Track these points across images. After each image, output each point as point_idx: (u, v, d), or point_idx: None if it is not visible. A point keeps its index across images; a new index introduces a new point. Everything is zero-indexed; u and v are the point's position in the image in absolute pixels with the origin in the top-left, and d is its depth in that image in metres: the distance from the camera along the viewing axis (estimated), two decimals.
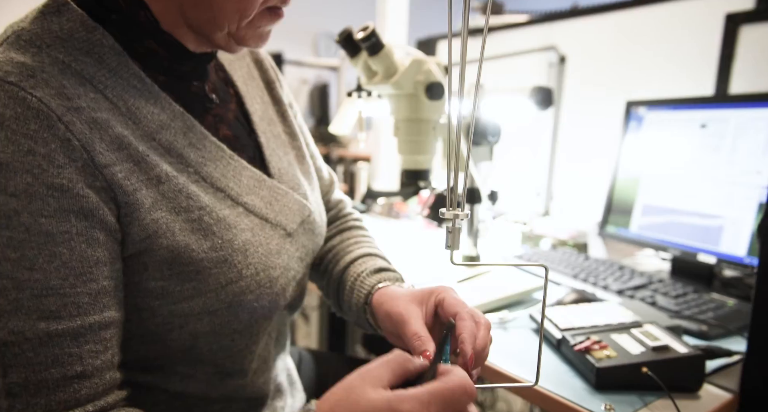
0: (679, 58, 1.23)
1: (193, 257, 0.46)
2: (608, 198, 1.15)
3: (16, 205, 0.38)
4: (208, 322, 0.49)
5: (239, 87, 0.61)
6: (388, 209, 1.68)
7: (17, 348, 0.38)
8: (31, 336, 0.38)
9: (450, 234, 0.41)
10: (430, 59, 0.85)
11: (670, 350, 0.60)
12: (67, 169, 0.40)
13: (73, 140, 0.40)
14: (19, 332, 0.38)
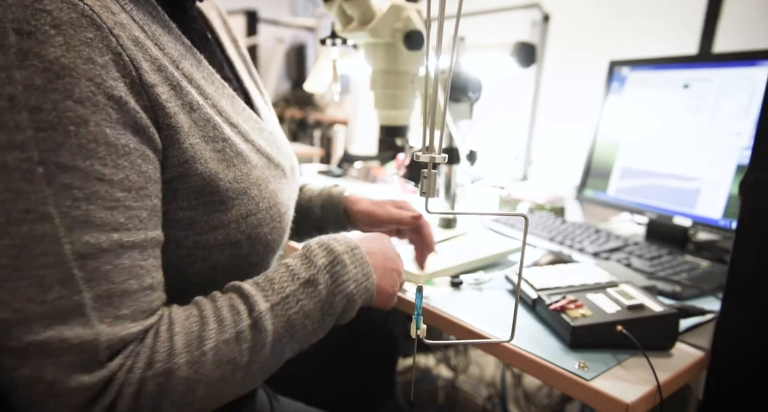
0: (664, 17, 1.20)
1: (220, 187, 0.47)
2: (587, 161, 1.14)
3: (82, 112, 0.37)
4: (228, 254, 0.50)
5: (218, 34, 0.62)
6: (364, 173, 1.64)
7: (95, 261, 0.37)
8: (107, 248, 0.38)
9: (425, 179, 0.37)
10: (410, 6, 0.79)
11: (645, 309, 0.59)
12: (120, 83, 0.39)
13: (124, 55, 0.40)
14: (95, 244, 0.37)
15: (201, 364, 0.42)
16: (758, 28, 1.01)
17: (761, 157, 0.54)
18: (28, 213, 0.35)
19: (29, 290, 0.36)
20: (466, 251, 0.85)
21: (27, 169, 0.35)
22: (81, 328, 0.37)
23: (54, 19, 0.36)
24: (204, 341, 0.42)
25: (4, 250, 0.35)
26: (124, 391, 0.39)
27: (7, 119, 0.35)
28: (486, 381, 1.57)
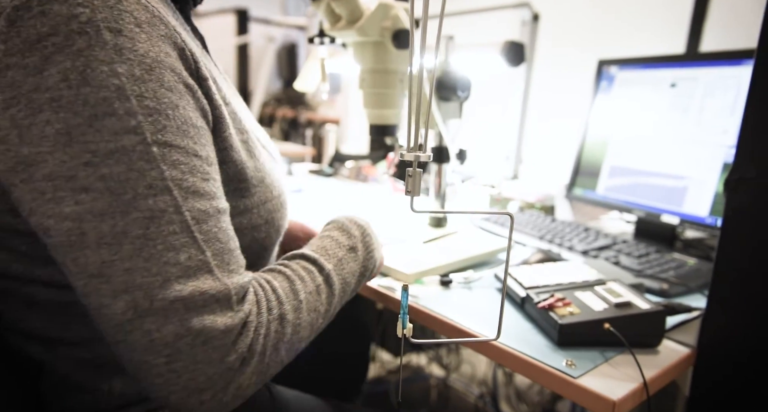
0: (652, 17, 1.21)
1: (246, 175, 0.52)
2: (576, 160, 1.14)
3: (173, 98, 0.41)
4: (250, 238, 0.54)
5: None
6: (356, 173, 1.64)
7: (206, 225, 0.42)
8: (212, 213, 0.43)
9: (410, 178, 0.37)
10: (399, 4, 0.79)
11: (633, 306, 0.60)
12: (187, 73, 0.44)
13: (186, 50, 0.44)
14: (204, 210, 0.42)
15: (300, 311, 0.49)
16: (743, 28, 1.02)
17: (745, 155, 0.55)
18: (150, 188, 0.40)
19: (164, 255, 0.40)
20: (455, 250, 0.85)
21: (143, 150, 0.39)
22: (211, 281, 0.41)
23: (135, 19, 0.41)
24: (297, 293, 0.49)
25: (136, 222, 0.39)
26: (258, 331, 0.44)
27: (117, 108, 0.39)
28: (478, 380, 1.58)
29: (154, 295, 0.39)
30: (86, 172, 0.38)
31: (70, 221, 0.39)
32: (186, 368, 0.40)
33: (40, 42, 0.38)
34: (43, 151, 0.38)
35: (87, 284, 0.39)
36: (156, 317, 0.39)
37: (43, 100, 0.38)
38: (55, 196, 0.39)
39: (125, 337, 0.40)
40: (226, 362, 0.42)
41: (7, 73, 0.38)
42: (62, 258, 0.40)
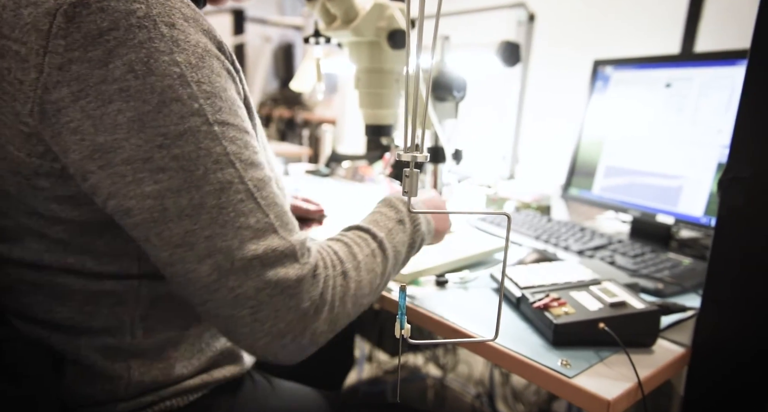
0: (647, 17, 1.21)
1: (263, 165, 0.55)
2: (572, 160, 1.14)
3: (222, 82, 0.45)
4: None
5: None
6: (352, 173, 1.63)
7: (265, 191, 0.47)
8: (267, 180, 0.48)
9: (407, 179, 0.37)
10: (394, 4, 0.79)
11: (627, 306, 0.60)
12: (228, 62, 0.47)
13: (223, 44, 0.47)
14: (261, 178, 0.47)
15: (359, 270, 0.54)
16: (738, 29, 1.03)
17: (739, 155, 0.55)
18: (217, 163, 0.44)
19: (236, 220, 0.44)
20: (451, 250, 0.85)
21: (207, 130, 0.43)
22: (278, 240, 0.46)
23: (183, 14, 0.44)
24: (356, 255, 0.54)
25: (209, 194, 0.43)
26: (327, 283, 0.50)
27: (181, 93, 0.42)
28: (474, 379, 1.58)
29: (234, 256, 0.44)
30: (161, 154, 0.42)
31: (152, 199, 0.42)
32: (268, 317, 0.46)
33: (102, 36, 0.40)
34: (118, 137, 0.41)
35: (172, 254, 0.44)
36: (237, 275, 0.44)
37: (112, 90, 0.41)
38: (135, 178, 0.42)
39: (212, 296, 0.45)
40: (302, 308, 0.47)
41: (71, 67, 0.40)
42: (146, 234, 0.44)
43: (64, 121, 0.41)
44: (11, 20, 0.42)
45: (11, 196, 0.46)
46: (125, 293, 0.52)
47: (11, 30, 0.42)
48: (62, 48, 0.40)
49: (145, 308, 0.53)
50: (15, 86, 0.42)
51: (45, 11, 0.41)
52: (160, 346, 0.55)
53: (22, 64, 0.41)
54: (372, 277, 0.55)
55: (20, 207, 0.47)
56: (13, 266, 0.50)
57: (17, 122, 0.43)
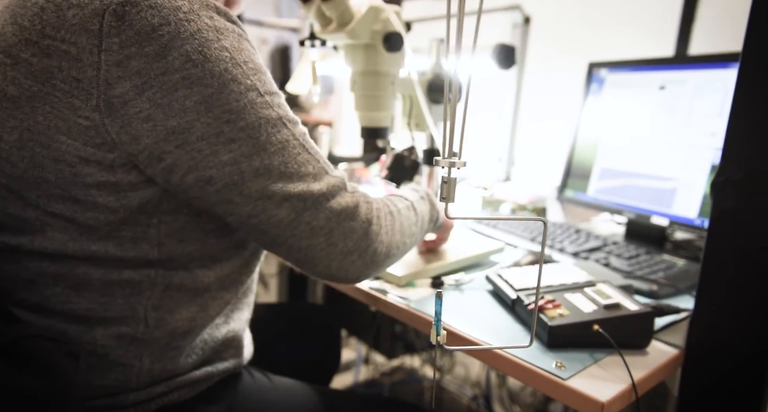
0: (642, 20, 1.22)
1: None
2: (567, 162, 1.15)
3: (259, 61, 0.52)
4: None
5: None
6: (349, 175, 1.63)
7: (308, 143, 0.55)
8: (305, 134, 0.55)
9: (445, 185, 0.37)
10: (389, 7, 0.79)
11: (621, 308, 0.60)
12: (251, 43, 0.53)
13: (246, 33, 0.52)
14: (303, 133, 0.55)
15: (401, 215, 0.64)
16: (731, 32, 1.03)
17: (731, 158, 0.55)
18: (274, 127, 0.51)
19: (300, 170, 0.53)
20: (447, 252, 0.86)
21: (261, 100, 0.50)
22: (332, 178, 0.56)
23: (216, 7, 0.49)
24: (397, 205, 0.65)
25: (275, 154, 0.51)
26: (379, 213, 0.60)
27: (236, 74, 0.48)
28: (471, 381, 1.58)
29: (306, 197, 0.53)
30: (229, 127, 0.48)
31: (230, 165, 0.49)
32: (340, 238, 0.56)
33: (155, 31, 0.44)
34: (190, 119, 0.47)
35: (255, 206, 0.51)
36: (310, 211, 0.53)
37: (176, 79, 0.46)
38: (212, 151, 0.48)
39: (293, 232, 0.54)
40: (362, 228, 0.57)
41: (130, 63, 0.44)
42: (228, 196, 0.51)
43: (133, 112, 0.46)
44: (54, 21, 0.45)
45: (48, 183, 0.48)
46: (140, 282, 0.54)
47: (56, 31, 0.45)
48: (117, 45, 0.44)
49: (157, 298, 0.55)
50: (71, 84, 0.45)
51: (92, 12, 0.44)
52: (168, 335, 0.57)
53: (76, 63, 0.45)
54: (409, 224, 0.66)
55: (55, 193, 0.49)
56: (34, 259, 0.51)
57: (75, 116, 0.46)
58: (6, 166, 0.49)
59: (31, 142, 0.47)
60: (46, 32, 0.45)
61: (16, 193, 0.50)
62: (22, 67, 0.46)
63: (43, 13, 0.46)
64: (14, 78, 0.47)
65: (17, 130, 0.48)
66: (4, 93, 0.48)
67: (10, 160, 0.49)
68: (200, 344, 0.61)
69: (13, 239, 0.51)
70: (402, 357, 1.66)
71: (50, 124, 0.47)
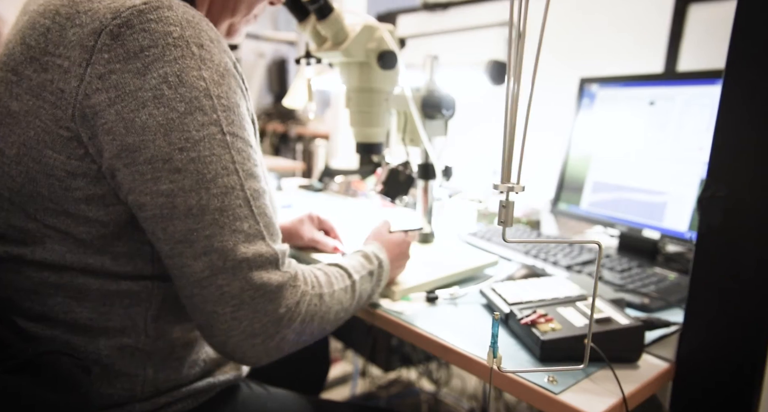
0: (632, 36, 1.25)
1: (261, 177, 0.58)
2: (560, 175, 1.16)
3: (237, 99, 0.51)
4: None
5: None
6: (345, 188, 1.64)
7: (258, 201, 0.52)
8: (261, 192, 0.52)
9: (503, 209, 0.37)
10: (383, 26, 0.81)
11: (612, 322, 0.61)
12: (240, 80, 0.53)
13: (237, 64, 0.53)
14: (257, 189, 0.52)
15: (333, 297, 0.59)
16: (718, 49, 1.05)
17: (716, 174, 0.57)
18: (225, 169, 0.49)
19: (233, 224, 0.49)
20: (441, 266, 0.86)
21: (221, 138, 0.49)
22: (265, 246, 0.51)
23: (210, 37, 0.50)
24: (332, 285, 0.60)
25: (215, 197, 0.48)
26: (304, 296, 0.55)
27: (204, 104, 0.48)
28: (468, 394, 1.58)
29: (227, 256, 0.49)
30: (180, 156, 0.47)
31: (164, 196, 0.47)
32: (246, 316, 0.50)
33: (142, 51, 0.46)
34: (146, 139, 0.47)
35: (173, 248, 0.49)
36: (227, 274, 0.49)
37: (147, 97, 0.46)
38: (153, 177, 0.47)
39: (201, 291, 0.49)
40: (278, 313, 0.52)
41: (111, 77, 0.46)
42: (153, 228, 0.49)
43: (100, 123, 0.47)
44: (56, 40, 0.48)
45: (43, 197, 0.50)
46: (139, 293, 0.55)
47: (56, 48, 0.48)
48: (104, 61, 0.46)
49: (156, 309, 0.56)
50: (56, 95, 0.47)
51: (90, 31, 0.47)
52: (170, 346, 0.58)
53: (65, 75, 0.47)
54: (339, 309, 0.61)
55: (49, 207, 0.50)
56: (35, 269, 0.52)
57: (57, 128, 0.48)
58: (7, 180, 0.51)
59: (25, 157, 0.49)
60: (48, 49, 0.48)
61: (18, 206, 0.51)
62: (24, 83, 0.49)
63: (48, 32, 0.49)
64: (18, 94, 0.49)
65: (16, 145, 0.50)
66: (8, 109, 0.50)
67: (11, 174, 0.51)
68: (202, 355, 0.62)
69: (16, 249, 0.52)
70: (399, 370, 1.66)
71: (39, 139, 0.49)
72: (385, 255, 0.73)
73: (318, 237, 0.89)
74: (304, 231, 0.89)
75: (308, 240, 0.89)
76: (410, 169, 0.95)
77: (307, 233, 0.89)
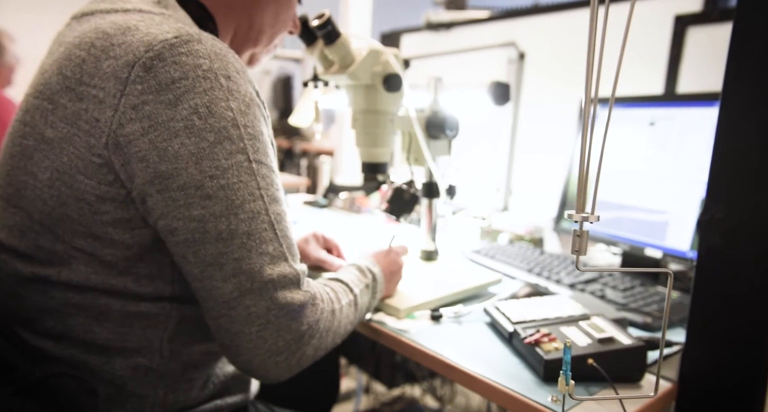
0: (632, 58, 1.27)
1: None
2: (563, 193, 1.17)
3: (261, 127, 0.54)
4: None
5: None
6: (349, 204, 1.66)
7: (280, 224, 0.54)
8: (283, 215, 0.55)
9: (578, 238, 0.38)
10: (388, 50, 0.84)
11: (615, 342, 0.62)
12: (263, 108, 0.56)
13: (259, 94, 0.56)
14: (279, 213, 0.54)
15: (342, 312, 0.63)
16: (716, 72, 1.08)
17: (715, 196, 0.58)
18: (251, 195, 0.52)
19: (260, 247, 0.52)
20: (446, 284, 0.87)
21: (247, 166, 0.52)
22: (288, 267, 0.54)
23: (236, 68, 0.53)
24: (340, 300, 0.63)
25: (242, 222, 0.51)
26: (322, 314, 0.58)
27: (232, 134, 0.51)
28: (472, 411, 1.57)
29: (254, 278, 0.51)
30: (211, 183, 0.50)
31: (196, 222, 0.50)
32: (271, 335, 0.53)
33: (174, 83, 0.49)
34: (178, 167, 0.49)
35: (203, 271, 0.51)
36: (254, 295, 0.51)
37: (179, 127, 0.49)
38: (186, 203, 0.50)
39: (229, 312, 0.52)
40: (300, 331, 0.55)
41: (144, 108, 0.49)
42: (184, 251, 0.51)
43: (134, 151, 0.49)
44: (91, 71, 0.51)
45: (72, 220, 0.52)
46: (157, 314, 0.56)
47: (91, 78, 0.51)
48: (138, 92, 0.49)
49: (172, 331, 0.58)
50: (91, 124, 0.50)
51: (125, 63, 0.49)
52: (182, 367, 0.59)
53: (99, 105, 0.50)
54: (347, 322, 0.64)
55: (78, 230, 0.53)
56: (60, 290, 0.54)
57: (90, 154, 0.50)
58: (39, 203, 0.53)
59: (58, 182, 0.52)
60: (83, 80, 0.51)
61: (47, 228, 0.53)
62: (59, 111, 0.52)
63: (83, 64, 0.51)
64: (53, 122, 0.52)
65: (49, 170, 0.52)
66: (42, 136, 0.53)
67: (42, 198, 0.53)
68: (212, 377, 0.63)
69: (43, 270, 0.54)
70: (403, 386, 1.65)
71: (72, 164, 0.51)
72: (378, 269, 0.76)
73: (324, 257, 0.91)
74: (310, 251, 0.91)
75: (314, 260, 0.90)
76: (414, 188, 0.97)
77: (313, 253, 0.91)
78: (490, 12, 1.69)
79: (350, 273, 0.71)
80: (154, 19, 0.53)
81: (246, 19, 0.65)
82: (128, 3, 0.56)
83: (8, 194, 0.56)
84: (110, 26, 0.52)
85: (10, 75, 1.95)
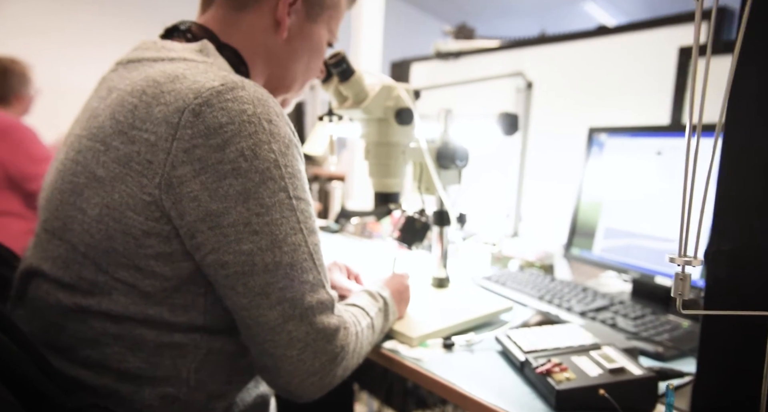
0: (638, 88, 1.30)
1: None
2: (572, 221, 1.19)
3: (299, 165, 0.59)
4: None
5: None
6: (361, 229, 1.69)
7: (317, 254, 0.59)
8: (319, 245, 0.59)
9: (681, 281, 0.40)
10: (400, 85, 0.87)
11: (626, 372, 0.62)
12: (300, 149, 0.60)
13: (296, 134, 0.60)
14: (316, 244, 0.59)
15: (363, 334, 0.67)
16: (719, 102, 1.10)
17: (720, 229, 0.59)
18: (292, 229, 0.56)
19: (301, 276, 0.57)
20: (457, 311, 0.88)
21: (288, 203, 0.56)
22: (324, 293, 0.59)
23: (276, 112, 0.57)
24: (361, 323, 0.67)
25: (286, 254, 0.55)
26: (352, 336, 0.63)
27: (275, 174, 0.55)
28: None
29: (296, 305, 0.56)
30: (257, 220, 0.54)
31: (246, 255, 0.54)
32: (309, 357, 0.57)
33: (222, 128, 0.53)
34: (228, 206, 0.53)
35: (251, 301, 0.55)
36: (296, 320, 0.56)
37: (227, 169, 0.53)
38: (236, 238, 0.54)
39: (273, 337, 0.56)
40: (334, 352, 0.59)
41: (195, 151, 0.53)
42: (233, 283, 0.55)
43: (186, 191, 0.53)
44: (143, 116, 0.55)
45: (117, 252, 0.56)
46: (187, 345, 0.59)
47: (143, 123, 0.54)
48: (188, 136, 0.53)
49: (199, 361, 0.60)
50: (143, 165, 0.54)
51: (175, 109, 0.53)
52: (207, 397, 0.62)
53: (152, 148, 0.53)
54: (367, 343, 0.69)
55: (121, 262, 0.56)
56: (99, 319, 0.57)
57: (142, 193, 0.54)
58: (86, 237, 0.56)
59: (107, 217, 0.55)
60: (136, 125, 0.55)
61: (91, 260, 0.57)
62: (112, 153, 0.55)
63: (135, 109, 0.55)
64: (104, 162, 0.56)
65: (98, 206, 0.56)
66: (94, 175, 0.56)
67: (90, 232, 0.56)
68: (232, 406, 0.65)
69: (84, 300, 0.57)
70: None
71: (122, 201, 0.55)
72: (387, 293, 0.80)
73: (349, 286, 0.91)
74: (335, 279, 0.92)
75: (340, 288, 0.91)
76: (426, 217, 0.99)
77: (338, 282, 0.92)
78: (498, 41, 1.74)
79: (363, 298, 0.74)
80: (198, 67, 0.57)
81: (281, 69, 0.70)
82: (172, 51, 0.60)
83: (54, 228, 0.60)
84: (159, 75, 0.56)
85: (29, 105, 2.05)
